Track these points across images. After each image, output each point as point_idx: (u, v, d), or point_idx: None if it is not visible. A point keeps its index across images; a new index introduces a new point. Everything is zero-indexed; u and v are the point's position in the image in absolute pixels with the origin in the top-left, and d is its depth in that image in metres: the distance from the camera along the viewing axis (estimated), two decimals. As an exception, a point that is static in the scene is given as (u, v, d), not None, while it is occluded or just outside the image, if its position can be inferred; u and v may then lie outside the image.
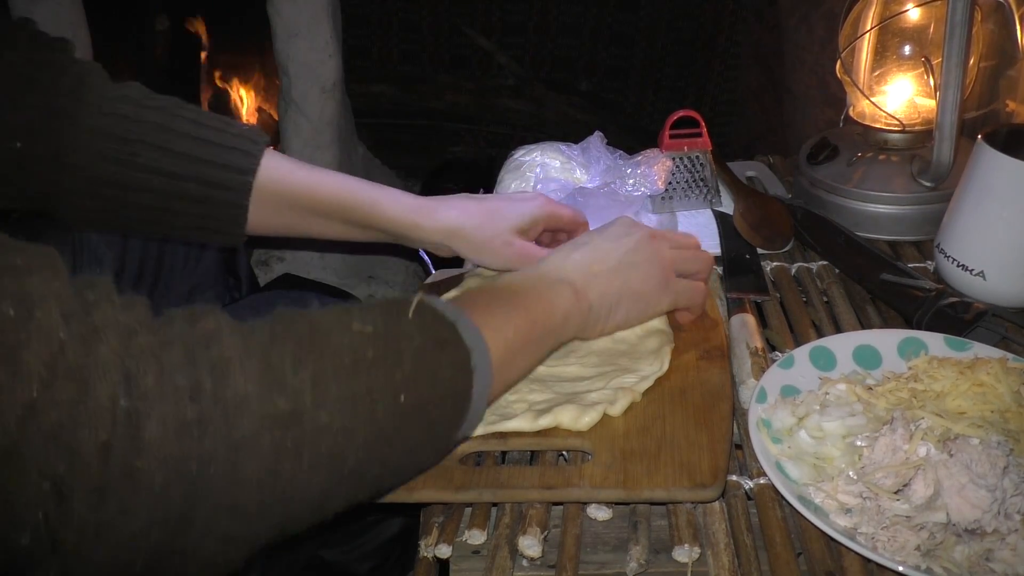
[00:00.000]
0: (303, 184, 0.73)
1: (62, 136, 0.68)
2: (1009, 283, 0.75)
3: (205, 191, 0.70)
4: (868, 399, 0.61)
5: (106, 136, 0.68)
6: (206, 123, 0.70)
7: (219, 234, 0.73)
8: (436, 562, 0.57)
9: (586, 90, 2.40)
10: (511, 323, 0.57)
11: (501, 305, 0.58)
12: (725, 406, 0.62)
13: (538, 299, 0.60)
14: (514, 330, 0.57)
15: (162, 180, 0.69)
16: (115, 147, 0.68)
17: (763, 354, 0.69)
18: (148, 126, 0.69)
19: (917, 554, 0.50)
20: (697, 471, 0.56)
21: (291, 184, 0.72)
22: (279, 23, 1.60)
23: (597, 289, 0.64)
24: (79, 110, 0.68)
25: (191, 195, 0.70)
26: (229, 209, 0.71)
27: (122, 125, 0.69)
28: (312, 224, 0.75)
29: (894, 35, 0.91)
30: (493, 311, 0.57)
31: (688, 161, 0.95)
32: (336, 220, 0.74)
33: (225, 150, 0.70)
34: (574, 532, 0.56)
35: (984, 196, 0.75)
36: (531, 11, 2.34)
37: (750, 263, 0.85)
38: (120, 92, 0.70)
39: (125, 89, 0.70)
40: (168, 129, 0.69)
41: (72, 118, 0.68)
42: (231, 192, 0.70)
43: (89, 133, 0.68)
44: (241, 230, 0.73)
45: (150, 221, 0.72)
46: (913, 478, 0.53)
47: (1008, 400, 0.59)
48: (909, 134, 0.91)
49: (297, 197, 0.73)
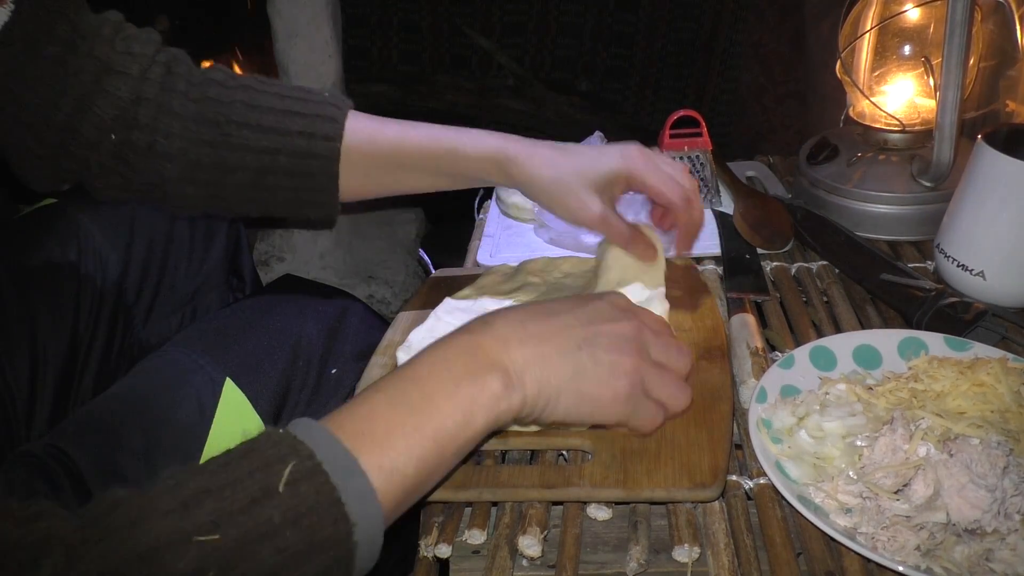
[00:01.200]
0: (388, 142, 0.73)
1: (156, 125, 0.70)
2: (1009, 283, 0.75)
3: (296, 162, 0.71)
4: (868, 399, 0.61)
5: (198, 121, 0.70)
6: (289, 95, 0.72)
7: (315, 205, 0.75)
8: (436, 562, 0.57)
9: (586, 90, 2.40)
10: (414, 454, 0.47)
11: (405, 427, 0.47)
12: (725, 406, 0.62)
13: (456, 405, 0.49)
14: (416, 465, 0.47)
15: (254, 157, 0.71)
16: (207, 131, 0.70)
17: (763, 354, 0.69)
18: (236, 106, 0.71)
19: (917, 554, 0.51)
20: (697, 471, 0.56)
21: (377, 143, 0.73)
22: (279, 23, 1.60)
23: (536, 376, 0.52)
24: (170, 99, 0.70)
25: (283, 168, 0.71)
26: (321, 178, 0.72)
27: (212, 109, 0.71)
28: (403, 180, 0.76)
29: (894, 35, 0.91)
30: (393, 440, 0.47)
31: (688, 161, 0.95)
32: (423, 172, 0.75)
33: (311, 119, 0.71)
34: (574, 532, 0.56)
35: (984, 196, 0.75)
36: (531, 11, 2.34)
37: (750, 263, 0.85)
38: (205, 76, 0.72)
39: (210, 73, 0.73)
40: (254, 106, 0.71)
41: (163, 107, 0.70)
42: (321, 160, 0.72)
43: (181, 120, 0.70)
44: (335, 199, 0.74)
45: (249, 200, 0.74)
46: (913, 478, 0.53)
47: (1008, 400, 0.59)
48: (909, 134, 0.91)
49: (384, 155, 0.73)
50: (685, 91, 2.36)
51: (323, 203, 0.74)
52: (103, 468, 0.63)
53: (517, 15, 2.35)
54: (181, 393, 0.69)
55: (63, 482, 0.61)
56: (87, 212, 0.78)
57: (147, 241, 0.82)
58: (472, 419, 0.50)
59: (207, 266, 0.87)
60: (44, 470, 0.61)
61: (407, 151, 0.73)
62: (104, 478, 0.63)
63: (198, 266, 0.87)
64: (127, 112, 0.69)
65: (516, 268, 0.83)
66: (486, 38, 2.36)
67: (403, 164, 0.74)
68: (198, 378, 0.70)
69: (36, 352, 0.70)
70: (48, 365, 0.71)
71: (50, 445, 0.63)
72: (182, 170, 0.71)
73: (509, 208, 0.99)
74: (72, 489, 0.61)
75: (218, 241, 0.89)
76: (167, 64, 0.71)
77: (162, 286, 0.83)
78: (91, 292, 0.76)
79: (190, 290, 0.86)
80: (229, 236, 0.90)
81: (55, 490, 0.60)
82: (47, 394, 0.71)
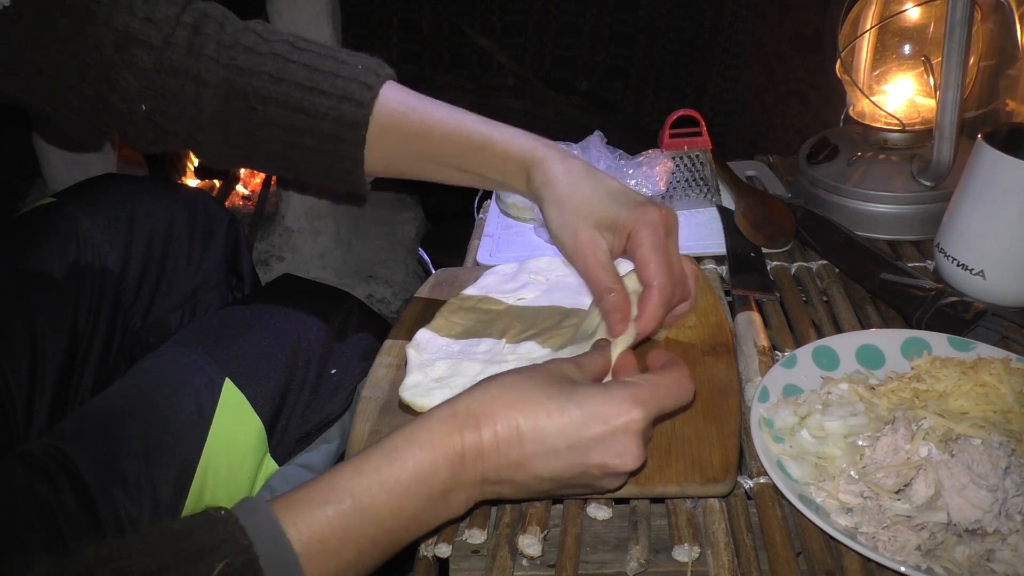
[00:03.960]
0: (415, 131, 0.70)
1: (184, 94, 0.69)
2: (1009, 283, 0.75)
3: (320, 143, 0.70)
4: (870, 399, 0.61)
5: (225, 91, 0.69)
6: (320, 67, 0.69)
7: (343, 182, 0.74)
8: (436, 561, 0.57)
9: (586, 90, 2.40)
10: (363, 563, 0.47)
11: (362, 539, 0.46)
12: (733, 401, 0.62)
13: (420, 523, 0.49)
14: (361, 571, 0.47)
15: (281, 131, 0.70)
16: (236, 102, 0.69)
17: (770, 352, 0.69)
18: (263, 78, 0.69)
19: (918, 554, 0.50)
20: (708, 466, 0.57)
21: (403, 132, 0.70)
22: (279, 23, 1.60)
23: (499, 493, 0.52)
24: (198, 64, 0.68)
25: (308, 146, 0.70)
26: (345, 161, 0.71)
27: (240, 78, 0.69)
28: (428, 171, 0.73)
29: (894, 34, 0.91)
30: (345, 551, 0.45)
31: (688, 160, 0.95)
32: (449, 167, 0.72)
33: (337, 100, 0.69)
34: (574, 531, 0.56)
35: (984, 196, 0.75)
36: (531, 11, 2.33)
37: (754, 261, 0.85)
38: (236, 39, 0.70)
39: (241, 36, 0.70)
40: (281, 80, 0.69)
41: (191, 74, 0.68)
42: (345, 144, 0.70)
43: (210, 88, 0.69)
44: (361, 179, 0.73)
45: (279, 167, 0.73)
46: (914, 478, 0.53)
47: (1010, 401, 0.59)
48: (909, 133, 0.91)
49: (409, 146, 0.71)
50: (685, 91, 2.36)
51: (349, 181, 0.73)
52: (102, 468, 0.63)
53: (517, 15, 2.34)
54: (180, 393, 0.69)
55: (62, 482, 0.61)
56: (87, 211, 0.78)
57: (146, 240, 0.81)
58: (426, 528, 0.50)
59: (206, 265, 0.87)
60: (43, 470, 0.61)
61: (432, 143, 0.70)
62: (103, 478, 0.62)
63: (197, 265, 0.86)
64: (153, 82, 0.68)
65: (518, 267, 0.83)
66: (486, 38, 2.35)
67: (427, 156, 0.72)
68: (197, 378, 0.70)
69: (35, 351, 0.70)
70: (47, 364, 0.71)
71: (49, 445, 0.63)
72: (214, 134, 0.71)
73: (509, 208, 0.99)
74: (71, 489, 0.61)
75: (217, 240, 0.88)
76: (194, 25, 0.69)
77: (161, 285, 0.83)
78: (90, 291, 0.76)
79: (189, 289, 0.86)
80: (228, 235, 0.90)
81: (54, 490, 0.60)
82: (46, 393, 0.70)
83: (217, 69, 0.69)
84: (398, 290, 1.82)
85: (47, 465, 0.61)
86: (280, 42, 0.70)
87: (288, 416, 0.76)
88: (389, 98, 0.70)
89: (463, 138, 0.69)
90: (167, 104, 0.69)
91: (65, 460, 0.62)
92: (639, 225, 0.61)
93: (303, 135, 0.70)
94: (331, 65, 0.69)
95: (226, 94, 0.69)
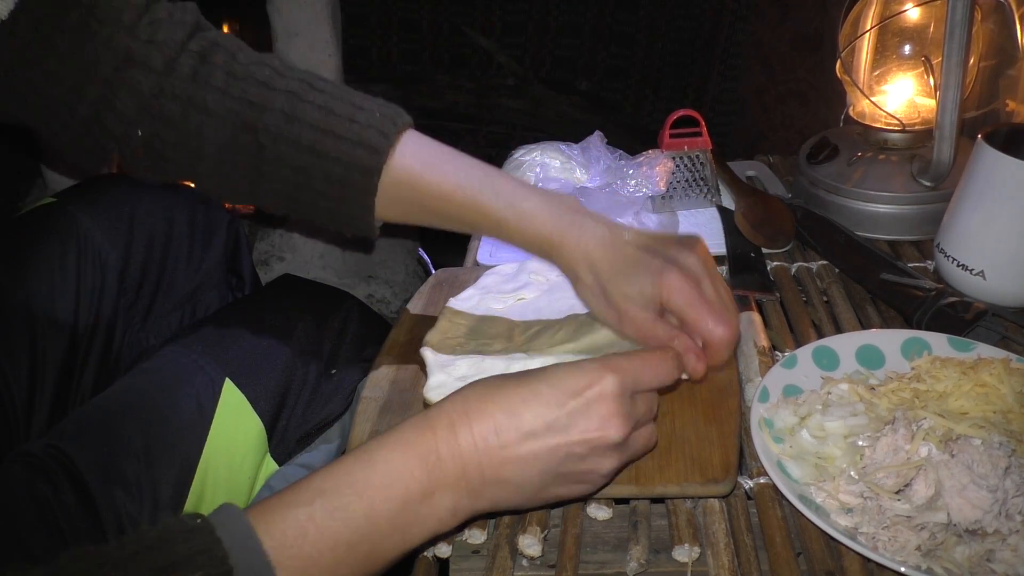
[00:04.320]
0: (430, 191, 0.66)
1: (186, 123, 0.65)
2: (1009, 283, 0.75)
3: (330, 187, 0.66)
4: (870, 399, 0.61)
5: (232, 124, 0.65)
6: (335, 110, 0.65)
7: (351, 226, 0.69)
8: (436, 562, 0.57)
9: (586, 90, 2.40)
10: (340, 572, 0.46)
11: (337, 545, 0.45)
12: (733, 401, 0.62)
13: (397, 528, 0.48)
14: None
15: (289, 171, 0.66)
16: (243, 136, 0.65)
17: (770, 352, 0.69)
18: (276, 115, 0.65)
19: (918, 554, 0.50)
20: (709, 466, 0.57)
21: (417, 189, 0.66)
22: (279, 23, 1.60)
23: (492, 499, 0.51)
24: (203, 94, 0.65)
25: (317, 188, 0.66)
26: (354, 207, 0.67)
27: (250, 113, 0.65)
28: (442, 225, 0.69)
29: (894, 35, 0.91)
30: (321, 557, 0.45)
31: (688, 160, 0.95)
32: (465, 227, 0.69)
33: (351, 145, 0.65)
34: (574, 532, 0.56)
35: (984, 196, 0.75)
36: (531, 11, 2.33)
37: (755, 261, 0.85)
38: (248, 72, 0.66)
39: (255, 70, 0.66)
40: (295, 119, 0.65)
41: (195, 103, 0.65)
42: (356, 190, 0.66)
43: (215, 119, 0.65)
44: (370, 226, 0.69)
45: (285, 207, 0.69)
46: (914, 478, 0.53)
47: (1011, 401, 0.59)
48: (909, 134, 0.91)
49: (424, 202, 0.67)
50: (685, 91, 2.36)
51: (357, 226, 0.69)
52: (102, 468, 0.63)
53: (517, 15, 2.35)
54: (181, 393, 0.69)
55: (62, 482, 0.61)
56: (87, 211, 0.78)
57: (146, 240, 0.81)
58: (411, 538, 0.48)
59: (206, 265, 0.87)
60: (43, 470, 0.61)
61: (449, 208, 0.66)
62: (103, 478, 0.62)
63: (197, 265, 0.86)
64: (150, 107, 0.65)
65: (518, 267, 0.83)
66: (486, 38, 2.36)
67: (440, 215, 0.68)
68: (198, 378, 0.70)
69: (35, 351, 0.70)
70: (47, 364, 0.71)
71: (49, 445, 0.63)
72: (217, 167, 0.67)
73: (509, 208, 0.99)
74: (71, 489, 0.61)
75: (217, 240, 0.88)
76: (201, 53, 0.66)
77: (161, 285, 0.83)
78: (90, 291, 0.76)
79: (189, 289, 0.86)
80: (228, 235, 0.90)
81: (54, 490, 0.60)
82: (46, 393, 0.70)
83: (224, 100, 0.65)
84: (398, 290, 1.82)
85: (47, 465, 0.61)
86: (296, 80, 0.67)
87: (288, 416, 0.76)
88: (406, 153, 0.66)
89: (478, 214, 0.66)
90: (166, 130, 0.66)
91: (65, 460, 0.62)
92: (668, 293, 0.60)
93: (313, 177, 0.66)
94: (348, 109, 0.66)
95: (233, 127, 0.65)
